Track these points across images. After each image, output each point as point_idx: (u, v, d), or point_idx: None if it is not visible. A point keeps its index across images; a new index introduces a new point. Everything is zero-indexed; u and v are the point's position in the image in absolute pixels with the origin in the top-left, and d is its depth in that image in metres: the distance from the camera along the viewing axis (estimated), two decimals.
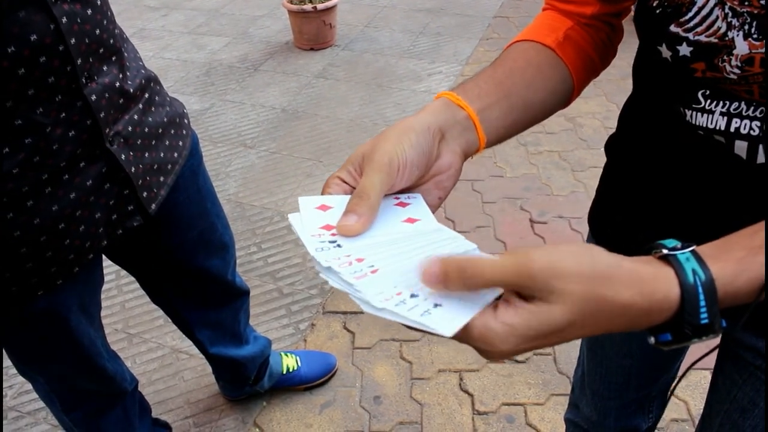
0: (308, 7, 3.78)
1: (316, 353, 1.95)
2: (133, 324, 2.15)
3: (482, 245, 1.96)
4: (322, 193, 0.56)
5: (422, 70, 3.70)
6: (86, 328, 1.12)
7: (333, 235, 0.51)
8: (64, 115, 0.85)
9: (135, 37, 4.31)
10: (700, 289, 0.43)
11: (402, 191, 0.57)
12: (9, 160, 0.82)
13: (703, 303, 0.43)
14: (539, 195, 2.66)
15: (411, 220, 0.55)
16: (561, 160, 2.86)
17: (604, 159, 0.91)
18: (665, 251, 0.46)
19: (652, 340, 0.46)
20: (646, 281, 0.43)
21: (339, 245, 0.49)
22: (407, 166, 0.54)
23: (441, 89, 3.45)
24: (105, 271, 1.17)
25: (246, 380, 1.73)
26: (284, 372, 1.84)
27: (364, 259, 0.48)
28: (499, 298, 0.44)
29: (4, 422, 1.84)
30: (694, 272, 0.44)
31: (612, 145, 0.88)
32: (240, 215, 2.61)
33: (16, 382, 1.94)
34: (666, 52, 0.64)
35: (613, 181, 0.89)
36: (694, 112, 0.65)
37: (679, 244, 0.46)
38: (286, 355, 1.87)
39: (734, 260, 0.45)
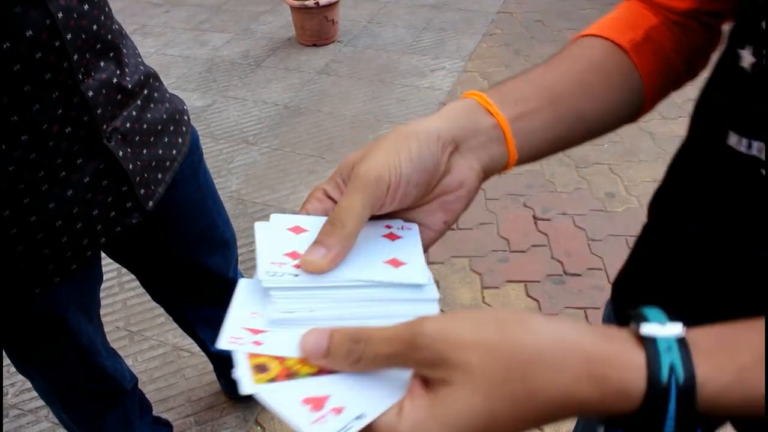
0: (310, 2, 3.76)
1: None
2: (135, 322, 2.14)
3: (485, 242, 1.94)
4: (302, 208, 0.48)
5: (425, 66, 3.68)
6: (85, 327, 1.11)
7: (296, 266, 0.42)
8: (61, 111, 0.84)
9: (137, 34, 4.31)
10: (673, 395, 0.32)
11: (397, 213, 0.49)
12: (5, 157, 0.81)
13: (672, 413, 0.32)
14: (543, 192, 2.65)
15: (396, 263, 0.45)
16: (564, 156, 2.84)
17: (608, 155, 0.85)
18: (643, 328, 0.34)
19: (601, 430, 0.38)
20: (595, 361, 0.33)
21: (297, 286, 0.42)
22: (401, 184, 0.44)
23: (444, 85, 3.43)
24: (106, 269, 1.16)
25: None
26: None
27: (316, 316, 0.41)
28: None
29: (6, 420, 1.84)
30: (672, 369, 0.32)
31: (659, 203, 0.68)
32: (242, 212, 2.60)
33: (18, 380, 1.94)
34: (748, 58, 0.48)
35: (656, 248, 0.68)
36: None
37: (665, 321, 0.34)
38: None
39: (734, 367, 0.33)
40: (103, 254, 1.14)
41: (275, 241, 0.45)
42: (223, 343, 0.40)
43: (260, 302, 0.42)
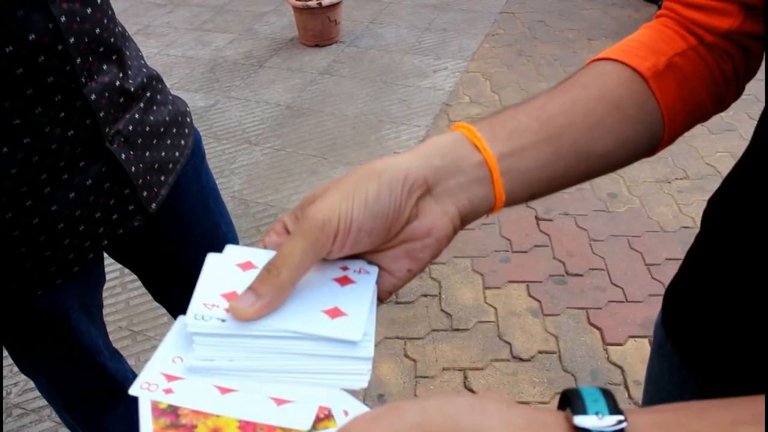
0: (313, 3, 3.76)
1: None
2: (138, 322, 2.15)
3: (487, 243, 1.94)
4: (260, 240, 0.46)
5: (427, 67, 3.69)
6: (87, 327, 1.12)
7: (227, 310, 0.40)
8: (63, 114, 0.84)
9: (140, 34, 4.31)
10: None
11: (360, 254, 0.45)
12: (8, 159, 0.81)
13: None
14: None
15: (334, 312, 0.41)
16: (577, 185, 2.83)
17: None
18: (577, 420, 0.31)
19: None
20: None
21: (220, 333, 0.39)
22: (351, 231, 0.40)
23: (447, 85, 3.44)
24: (109, 269, 1.16)
25: None
26: None
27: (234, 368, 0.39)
28: None
29: (9, 419, 1.85)
30: None
31: (716, 214, 0.61)
32: (244, 212, 2.61)
33: (21, 380, 1.95)
34: None
35: (710, 260, 0.62)
36: None
37: (605, 412, 0.31)
38: None
39: None
40: (105, 254, 1.14)
41: (218, 278, 0.43)
42: (134, 388, 0.37)
43: (185, 346, 0.40)
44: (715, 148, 2.82)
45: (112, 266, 1.18)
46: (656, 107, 0.51)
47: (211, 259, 0.45)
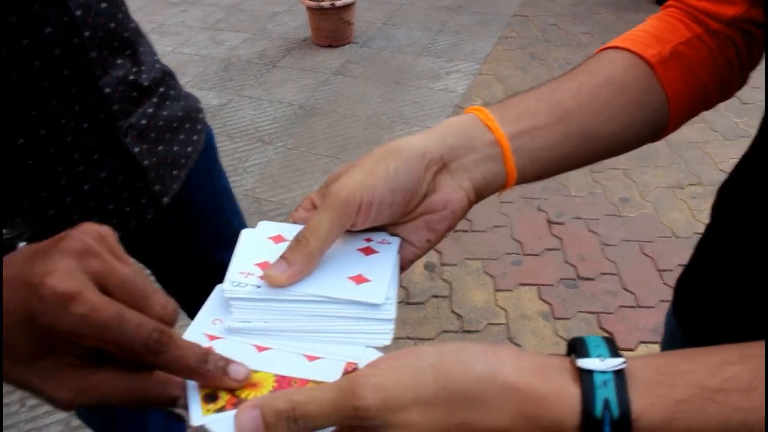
0: (326, 3, 3.77)
1: None
2: None
3: (499, 245, 1.94)
4: (291, 215, 0.50)
5: (440, 68, 3.69)
6: None
7: (261, 277, 0.44)
8: (78, 107, 0.85)
9: (154, 32, 4.34)
10: (607, 431, 0.32)
11: (380, 228, 0.49)
12: (23, 151, 0.82)
13: None
14: (557, 195, 2.65)
15: (359, 279, 0.45)
16: (588, 165, 2.83)
17: (622, 160, 0.83)
18: (580, 362, 0.34)
19: None
20: (530, 401, 0.33)
21: (256, 298, 0.43)
22: (373, 204, 0.44)
23: (459, 87, 3.44)
24: None
25: None
26: None
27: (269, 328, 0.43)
28: None
29: (22, 410, 1.86)
30: (607, 404, 0.32)
31: (725, 204, 0.63)
32: (257, 210, 2.62)
33: None
34: None
35: (720, 251, 0.63)
36: None
37: (606, 356, 0.34)
38: None
39: (671, 400, 0.32)
40: None
41: (252, 250, 0.47)
42: None
43: (224, 310, 0.44)
44: (728, 154, 2.81)
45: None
46: (661, 93, 0.54)
47: (246, 234, 0.50)
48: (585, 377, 0.33)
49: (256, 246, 0.48)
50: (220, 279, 0.46)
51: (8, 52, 0.75)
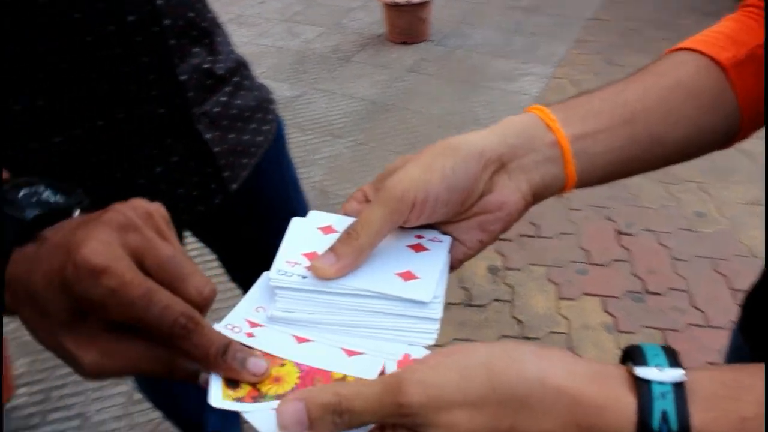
0: (402, 0, 3.78)
1: None
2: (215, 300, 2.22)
3: (565, 253, 1.91)
4: (342, 207, 0.49)
5: (514, 70, 3.65)
6: None
7: (308, 268, 0.44)
8: (155, 92, 0.88)
9: (233, 23, 4.44)
10: None
11: (431, 226, 0.47)
12: (102, 133, 0.86)
13: None
14: (627, 205, 2.59)
15: (408, 276, 0.44)
16: (653, 171, 2.76)
17: (699, 173, 0.76)
18: (639, 371, 0.32)
19: None
20: (582, 408, 0.31)
21: (301, 288, 0.43)
22: (428, 202, 0.43)
23: (533, 90, 3.40)
24: (192, 245, 1.21)
25: None
26: None
27: (314, 319, 0.42)
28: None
29: (90, 383, 1.95)
30: (665, 416, 0.30)
31: None
32: (324, 203, 2.65)
33: None
34: None
35: None
36: None
37: (665, 366, 0.32)
38: None
39: (735, 417, 0.30)
40: (188, 232, 1.19)
41: (301, 239, 0.47)
42: (220, 327, 0.42)
43: (268, 298, 0.44)
44: None
45: (195, 243, 1.23)
46: (733, 98, 0.51)
47: (295, 223, 0.49)
48: (642, 387, 0.31)
49: (305, 235, 0.47)
50: None
51: (94, 37, 0.78)
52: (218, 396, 0.38)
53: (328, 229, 0.47)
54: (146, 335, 0.39)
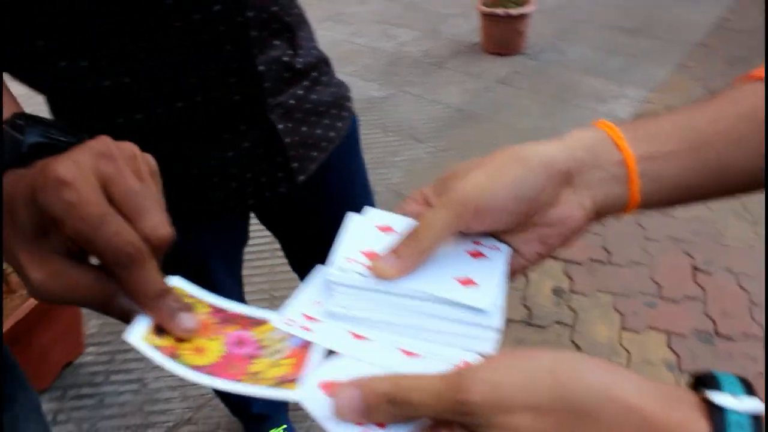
0: (500, 11, 3.76)
1: None
2: (278, 288, 2.28)
3: (636, 284, 1.86)
4: (400, 206, 0.49)
5: (607, 91, 3.56)
6: (223, 278, 1.20)
7: (368, 267, 0.43)
8: (233, 80, 0.91)
9: (331, 20, 4.53)
10: None
11: (492, 234, 0.47)
12: (180, 114, 0.90)
13: None
14: (709, 242, 2.48)
15: (467, 282, 0.43)
16: (742, 209, 2.64)
17: None
18: (715, 397, 0.30)
19: None
20: (651, 427, 0.30)
21: (359, 286, 0.43)
22: (494, 209, 0.42)
23: (624, 113, 3.31)
24: (261, 233, 1.25)
25: None
26: None
27: (365, 317, 0.42)
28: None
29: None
30: None
31: None
32: (396, 205, 2.66)
33: None
34: None
35: None
36: None
37: (742, 394, 0.30)
38: None
39: None
40: (255, 218, 1.23)
41: (359, 236, 0.47)
42: (277, 321, 0.43)
43: (325, 293, 0.44)
44: None
45: (263, 231, 1.27)
46: None
47: (352, 219, 0.50)
48: (716, 414, 0.30)
49: (364, 233, 0.47)
50: None
51: (182, 24, 0.82)
52: (139, 334, 0.39)
53: (386, 229, 0.47)
54: (98, 269, 0.40)
